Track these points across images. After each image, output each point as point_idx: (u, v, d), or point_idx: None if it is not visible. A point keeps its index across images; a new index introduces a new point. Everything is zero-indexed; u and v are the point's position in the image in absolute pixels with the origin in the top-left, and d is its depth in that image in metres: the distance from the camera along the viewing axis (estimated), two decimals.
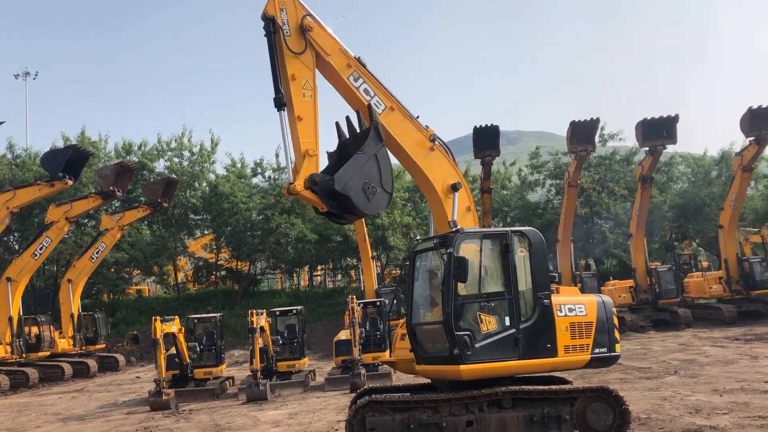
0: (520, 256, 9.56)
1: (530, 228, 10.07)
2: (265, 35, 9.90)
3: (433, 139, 10.64)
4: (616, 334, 9.66)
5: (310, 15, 10.09)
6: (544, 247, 9.77)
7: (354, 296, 19.24)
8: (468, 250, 9.37)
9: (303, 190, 9.54)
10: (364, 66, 10.49)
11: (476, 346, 9.06)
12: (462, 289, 9.32)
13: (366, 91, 10.39)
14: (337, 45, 10.33)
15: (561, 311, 9.36)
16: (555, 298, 9.44)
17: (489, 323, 9.26)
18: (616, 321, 9.72)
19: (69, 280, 28.56)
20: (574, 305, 9.49)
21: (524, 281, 9.49)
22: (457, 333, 9.00)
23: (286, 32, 9.88)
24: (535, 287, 9.38)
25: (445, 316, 9.06)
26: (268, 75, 9.99)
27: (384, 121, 10.27)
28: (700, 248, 46.32)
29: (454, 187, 10.55)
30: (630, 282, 31.55)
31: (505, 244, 9.45)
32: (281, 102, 9.78)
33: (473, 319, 9.28)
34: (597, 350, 9.39)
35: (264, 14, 9.90)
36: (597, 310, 9.56)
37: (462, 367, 8.94)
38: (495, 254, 9.67)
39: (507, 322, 9.28)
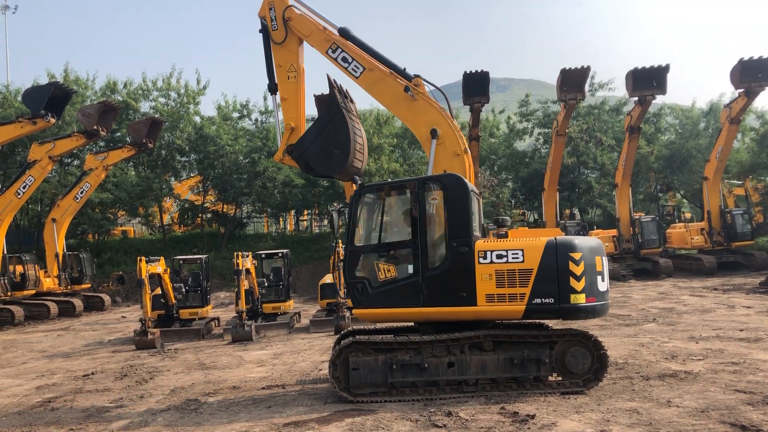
0: (433, 203, 9.49)
1: (450, 174, 9.72)
2: (260, 31, 11.57)
3: (407, 89, 10.85)
4: (574, 283, 8.80)
5: (294, 4, 11.47)
6: (465, 192, 9.28)
7: (340, 240, 19.28)
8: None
9: (283, 157, 11.31)
10: (346, 35, 11.30)
11: (371, 292, 9.35)
12: (359, 239, 9.76)
13: (344, 59, 11.28)
14: (314, 25, 11.44)
15: (485, 258, 9.00)
16: (481, 245, 9.14)
17: (388, 272, 9.40)
18: (575, 267, 8.81)
19: (53, 220, 28.39)
20: (505, 251, 9.01)
21: (435, 229, 9.45)
22: (351, 280, 9.50)
23: (274, 27, 11.51)
24: (450, 234, 9.19)
25: (342, 265, 9.70)
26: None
27: (363, 83, 11.20)
28: (684, 200, 46.71)
29: (432, 134, 10.60)
30: (613, 232, 31.90)
31: (414, 193, 9.41)
32: (273, 88, 11.66)
33: (370, 268, 9.54)
34: (537, 300, 8.87)
35: (259, 15, 11.55)
36: (541, 256, 8.87)
37: (355, 310, 9.61)
38: (401, 204, 9.86)
39: (410, 270, 9.30)
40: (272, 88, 11.70)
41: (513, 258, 8.95)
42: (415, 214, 9.32)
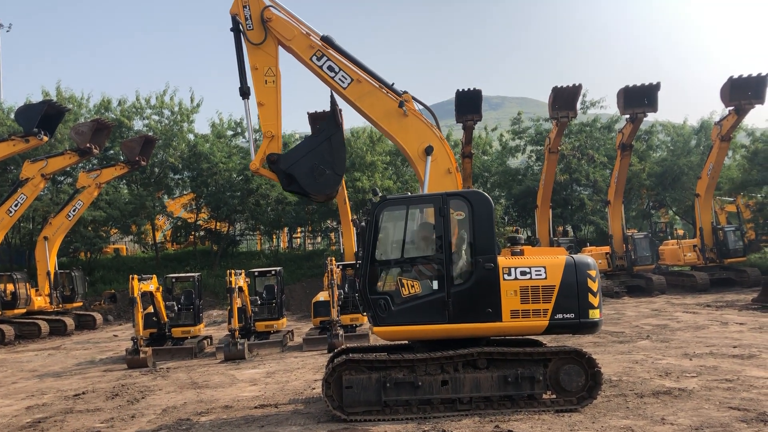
0: (456, 219, 9.46)
1: (474, 190, 9.74)
2: (231, 30, 10.88)
3: (402, 104, 10.70)
4: (592, 299, 9.14)
5: (272, 5, 10.83)
6: (490, 208, 9.32)
7: (333, 258, 19.27)
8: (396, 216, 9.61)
9: (260, 167, 10.71)
10: (330, 43, 10.92)
11: (393, 309, 9.17)
12: (381, 254, 9.50)
13: (330, 68, 10.87)
14: (296, 30, 10.91)
15: (509, 275, 9.10)
16: (505, 261, 9.20)
17: (411, 287, 9.29)
18: (593, 284, 9.15)
19: (45, 238, 28.24)
20: (528, 268, 9.15)
21: (460, 245, 9.44)
22: (372, 297, 9.23)
23: (249, 26, 10.81)
24: (475, 250, 9.18)
25: (360, 280, 9.32)
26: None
27: (351, 95, 10.81)
28: (677, 216, 46.87)
29: (427, 151, 10.59)
30: (606, 248, 31.93)
31: (437, 209, 9.34)
32: (245, 92, 10.91)
33: (392, 283, 9.39)
34: (559, 315, 9.09)
35: (231, 12, 10.88)
36: (563, 273, 9.15)
37: (375, 328, 9.30)
38: (424, 218, 9.77)
39: (435, 286, 9.23)
40: (244, 92, 10.94)
41: (536, 275, 9.09)
42: (439, 229, 9.27)
